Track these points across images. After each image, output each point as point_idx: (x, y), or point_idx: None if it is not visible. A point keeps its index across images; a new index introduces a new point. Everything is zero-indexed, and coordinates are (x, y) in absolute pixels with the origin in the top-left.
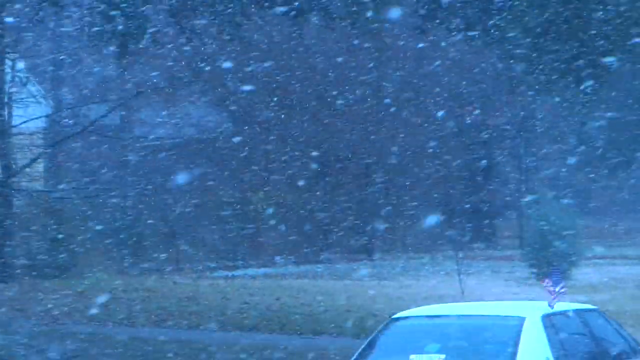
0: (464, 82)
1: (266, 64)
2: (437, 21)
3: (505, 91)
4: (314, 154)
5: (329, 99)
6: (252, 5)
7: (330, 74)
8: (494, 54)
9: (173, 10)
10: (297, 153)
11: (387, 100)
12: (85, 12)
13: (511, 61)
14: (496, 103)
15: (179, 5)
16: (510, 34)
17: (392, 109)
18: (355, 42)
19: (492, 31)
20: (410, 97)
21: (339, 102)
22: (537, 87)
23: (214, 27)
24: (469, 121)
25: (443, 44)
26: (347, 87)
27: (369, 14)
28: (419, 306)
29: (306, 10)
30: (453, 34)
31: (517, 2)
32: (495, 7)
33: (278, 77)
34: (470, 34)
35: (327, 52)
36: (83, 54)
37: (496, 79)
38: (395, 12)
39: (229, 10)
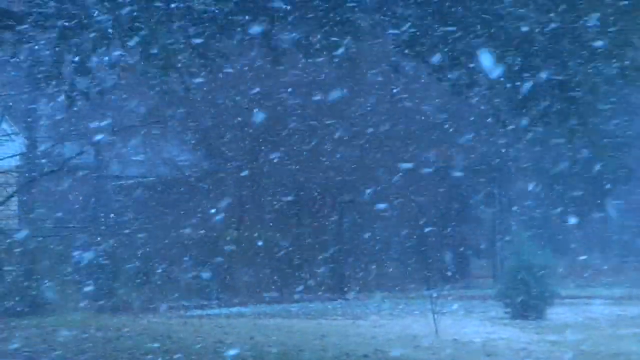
0: (439, 122)
1: (239, 100)
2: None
3: (479, 130)
4: (288, 192)
5: (303, 137)
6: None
7: (305, 108)
8: (468, 94)
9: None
10: (270, 191)
11: (362, 137)
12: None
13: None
14: (470, 142)
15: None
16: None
17: (366, 147)
18: (331, 78)
19: (466, 73)
20: (384, 136)
21: (315, 138)
22: (512, 127)
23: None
24: (442, 160)
25: (416, 85)
26: (321, 122)
27: (343, 49)
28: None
29: (281, 45)
30: (427, 73)
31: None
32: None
33: (249, 114)
34: (443, 74)
35: (302, 89)
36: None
37: (471, 118)
38: (369, 50)
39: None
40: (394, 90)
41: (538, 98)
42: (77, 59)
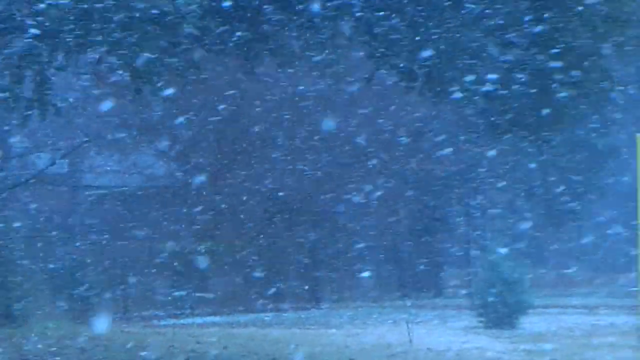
0: (414, 132)
1: (213, 110)
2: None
3: (455, 141)
4: (262, 202)
5: (276, 147)
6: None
7: (277, 121)
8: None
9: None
10: (244, 201)
11: (338, 147)
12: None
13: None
14: (445, 153)
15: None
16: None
17: (340, 157)
18: (305, 87)
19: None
20: (359, 146)
21: (287, 150)
22: (485, 135)
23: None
24: (417, 170)
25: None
26: (295, 135)
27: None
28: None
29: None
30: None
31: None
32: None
33: (223, 123)
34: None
35: (277, 98)
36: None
37: (447, 128)
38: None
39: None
40: (369, 101)
41: (511, 107)
42: (47, 70)
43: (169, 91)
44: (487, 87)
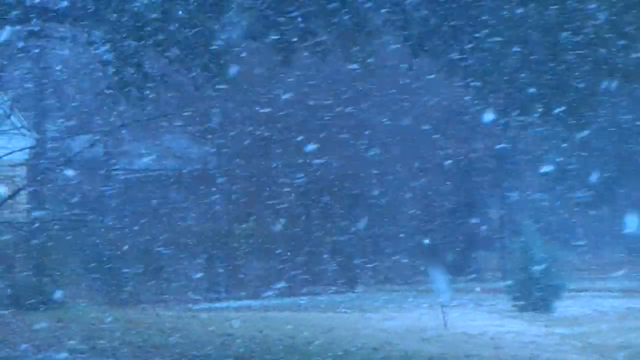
0: (448, 115)
1: (251, 93)
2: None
3: (490, 124)
4: (298, 186)
5: (315, 129)
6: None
7: (316, 103)
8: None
9: (161, 45)
10: (280, 185)
11: (373, 132)
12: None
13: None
14: (479, 135)
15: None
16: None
17: (378, 141)
18: (342, 73)
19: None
20: (396, 131)
21: (325, 133)
22: (519, 117)
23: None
24: (453, 154)
25: (429, 76)
26: (333, 119)
27: (357, 46)
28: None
29: (294, 39)
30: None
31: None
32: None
33: (263, 106)
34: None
35: (315, 80)
36: (67, 86)
37: (479, 110)
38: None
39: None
40: (405, 86)
41: (546, 91)
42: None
43: (203, 75)
44: (520, 69)
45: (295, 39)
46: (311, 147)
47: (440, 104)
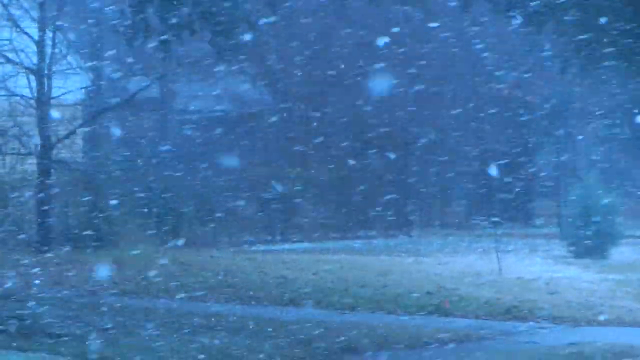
0: (505, 61)
1: (307, 41)
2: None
3: (546, 70)
4: (353, 131)
5: (368, 77)
6: None
7: (370, 51)
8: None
9: None
10: (336, 130)
11: (427, 78)
12: None
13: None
14: (537, 82)
15: None
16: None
17: (433, 88)
18: (395, 19)
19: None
20: (450, 76)
21: (378, 79)
22: (580, 66)
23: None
24: (509, 100)
25: (484, 19)
26: (387, 65)
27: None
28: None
29: None
30: (495, 11)
31: None
32: None
33: (319, 54)
34: (511, 12)
35: (368, 31)
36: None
37: (538, 58)
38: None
39: None
40: (461, 34)
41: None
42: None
43: (264, 20)
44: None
45: None
46: (370, 91)
47: (496, 50)
